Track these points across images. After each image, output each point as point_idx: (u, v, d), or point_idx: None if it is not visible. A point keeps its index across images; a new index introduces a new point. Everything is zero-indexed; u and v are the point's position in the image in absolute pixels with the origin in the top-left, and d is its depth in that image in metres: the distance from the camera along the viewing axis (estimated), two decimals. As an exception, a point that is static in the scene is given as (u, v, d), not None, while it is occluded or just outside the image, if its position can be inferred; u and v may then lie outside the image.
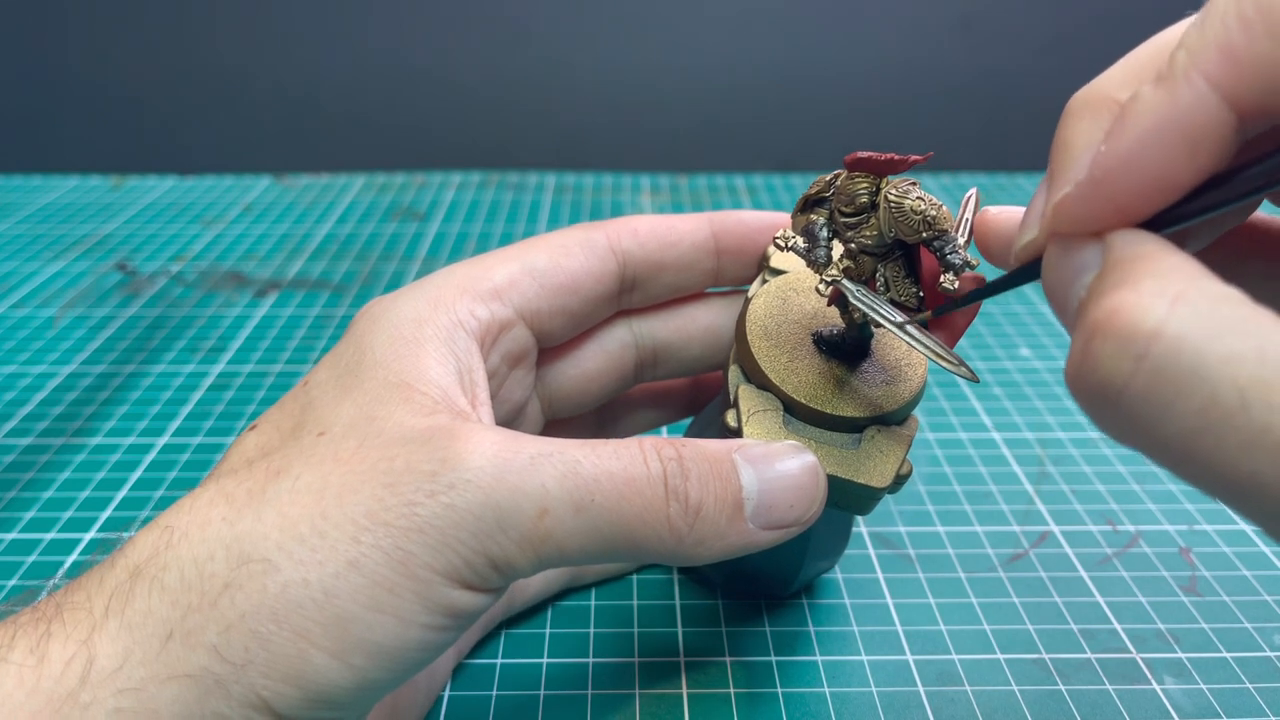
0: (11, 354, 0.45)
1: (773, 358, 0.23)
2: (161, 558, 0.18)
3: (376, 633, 0.17)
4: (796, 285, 0.25)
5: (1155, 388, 0.13)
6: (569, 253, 0.25)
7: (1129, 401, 0.13)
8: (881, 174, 0.21)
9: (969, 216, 0.21)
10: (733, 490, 0.20)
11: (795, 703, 0.27)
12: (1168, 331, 0.13)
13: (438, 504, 0.18)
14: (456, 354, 0.22)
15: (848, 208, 0.21)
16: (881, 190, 0.20)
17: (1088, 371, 0.14)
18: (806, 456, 0.21)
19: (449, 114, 0.89)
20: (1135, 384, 0.13)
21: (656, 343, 0.28)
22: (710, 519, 0.20)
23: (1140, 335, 0.13)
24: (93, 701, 0.16)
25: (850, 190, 0.21)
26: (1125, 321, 0.13)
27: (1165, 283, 0.13)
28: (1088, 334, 0.14)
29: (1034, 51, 0.88)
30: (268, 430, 0.22)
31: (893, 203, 0.20)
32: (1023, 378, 0.44)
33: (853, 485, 0.22)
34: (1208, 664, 0.29)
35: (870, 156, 0.20)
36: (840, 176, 0.21)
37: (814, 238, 0.22)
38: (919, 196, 0.20)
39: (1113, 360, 0.13)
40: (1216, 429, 0.13)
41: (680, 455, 0.20)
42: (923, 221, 0.20)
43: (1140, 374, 0.13)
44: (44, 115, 0.89)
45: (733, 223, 0.27)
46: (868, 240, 0.21)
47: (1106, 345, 0.14)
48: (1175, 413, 0.13)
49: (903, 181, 0.20)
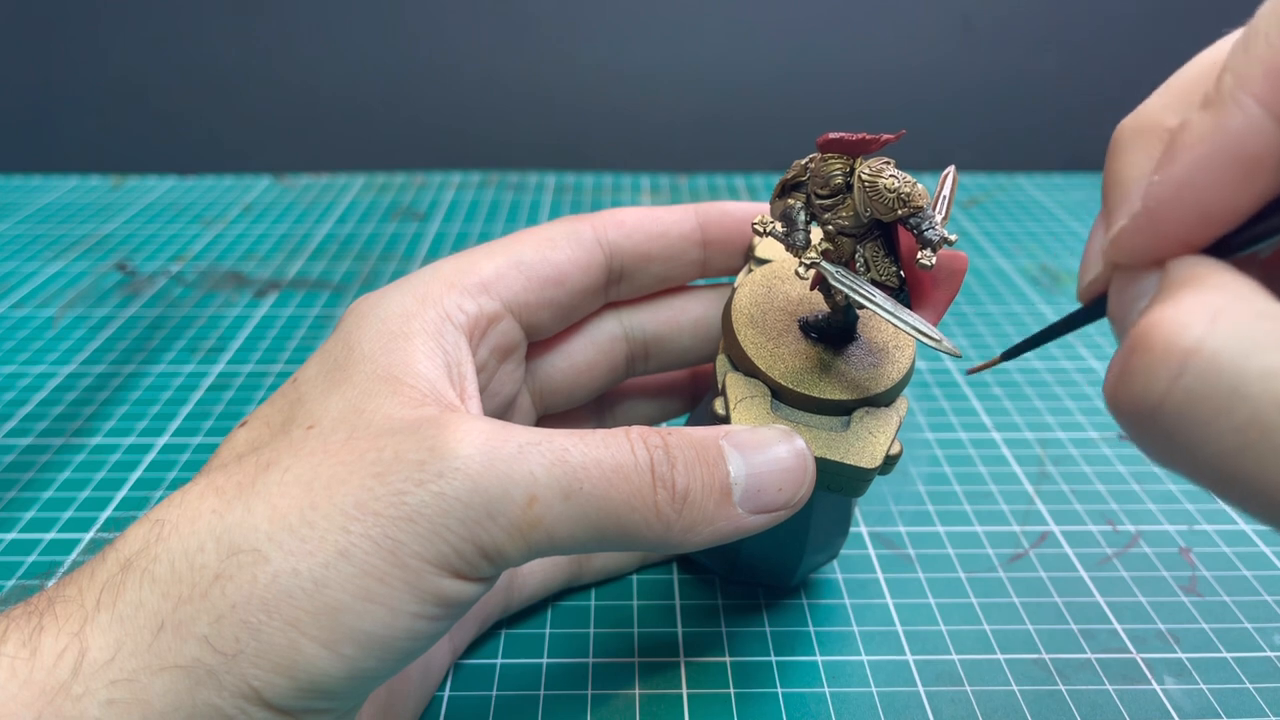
0: (11, 354, 0.45)
1: (759, 344, 0.23)
2: (152, 550, 0.18)
3: (367, 621, 0.17)
4: (781, 273, 0.26)
5: (1193, 405, 0.13)
6: (555, 245, 0.25)
7: (1166, 419, 0.13)
8: (855, 154, 0.21)
9: (946, 194, 0.22)
10: (720, 476, 0.20)
11: (795, 703, 0.27)
12: (1206, 347, 0.13)
13: (426, 493, 0.18)
14: (445, 348, 0.22)
15: (823, 189, 0.21)
16: (855, 170, 0.20)
17: (1125, 387, 0.14)
18: (794, 440, 0.21)
19: (449, 114, 0.89)
20: (1172, 400, 0.13)
21: (646, 335, 0.28)
22: (698, 505, 0.20)
23: (1178, 350, 0.13)
24: (85, 693, 0.16)
25: (825, 172, 0.21)
26: (1163, 336, 0.13)
27: (1207, 298, 0.13)
28: (1127, 349, 0.14)
29: (1034, 51, 0.88)
30: (258, 426, 0.22)
31: (866, 182, 0.20)
32: (1023, 378, 0.44)
33: (843, 467, 0.22)
34: (1208, 664, 0.28)
35: (842, 137, 0.20)
36: (814, 160, 0.21)
37: (792, 222, 0.22)
38: (892, 175, 0.20)
39: (1150, 376, 0.13)
40: (1257, 448, 0.12)
41: (666, 443, 0.20)
42: (897, 199, 0.20)
43: (1177, 390, 0.13)
44: (44, 115, 0.89)
45: (718, 214, 0.27)
46: (844, 221, 0.21)
47: (1144, 360, 0.13)
48: (1214, 431, 0.13)
49: (876, 161, 0.20)
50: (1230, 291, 0.13)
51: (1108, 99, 0.88)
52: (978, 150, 0.89)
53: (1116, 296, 0.16)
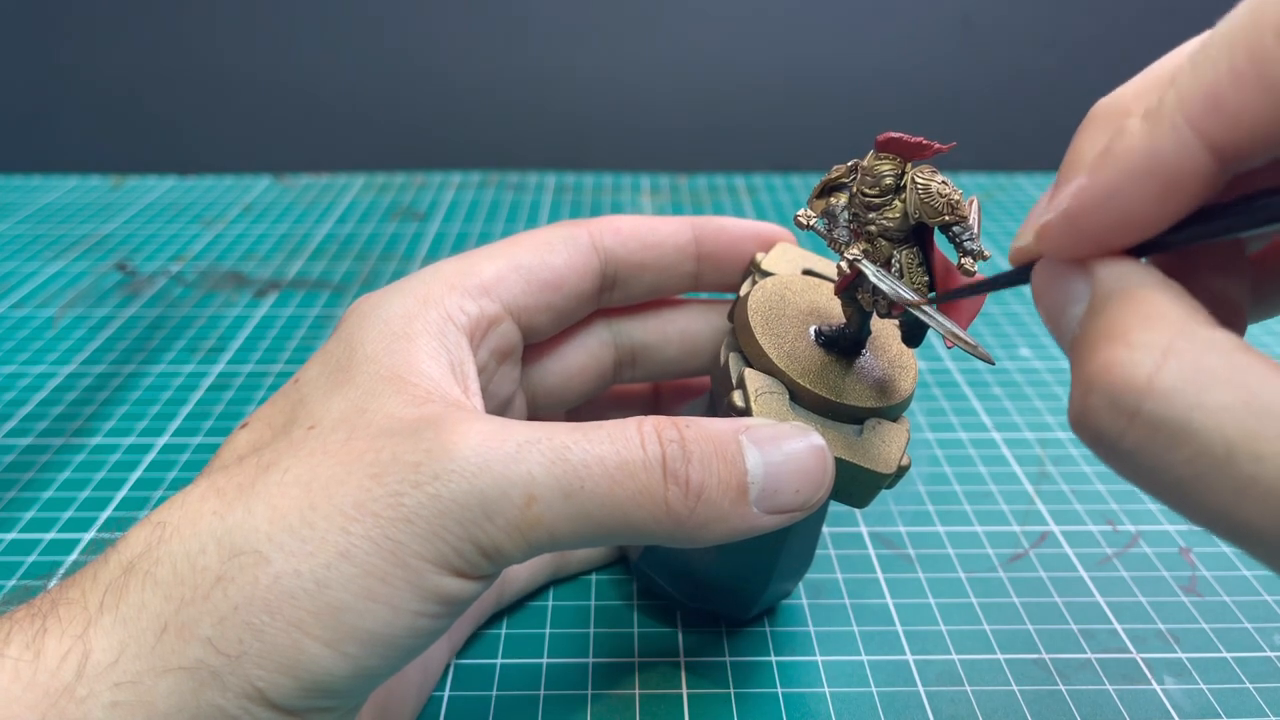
0: (11, 354, 0.45)
1: (778, 344, 0.24)
2: (154, 553, 0.18)
3: (369, 621, 0.17)
4: (791, 285, 0.26)
5: (1148, 440, 0.13)
6: (553, 249, 0.26)
7: (1125, 452, 0.14)
8: (909, 157, 0.21)
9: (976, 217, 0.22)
10: (737, 473, 0.20)
11: (795, 703, 0.27)
12: (1157, 388, 0.13)
13: (423, 494, 0.18)
14: (448, 348, 0.22)
15: (872, 189, 0.21)
16: (907, 173, 0.21)
17: (1087, 424, 0.14)
18: (815, 438, 0.21)
19: (449, 114, 0.89)
20: (1129, 438, 0.14)
21: (635, 343, 0.29)
22: (713, 502, 0.20)
23: (1131, 392, 0.13)
24: (89, 695, 0.16)
25: (877, 171, 0.21)
26: (1117, 379, 0.14)
27: (1154, 334, 0.14)
28: (1084, 387, 0.14)
29: (1034, 51, 0.88)
30: (259, 427, 0.22)
31: (920, 184, 0.20)
32: (1023, 378, 0.44)
33: (859, 470, 0.22)
34: (1208, 664, 0.28)
35: (901, 137, 0.21)
36: (865, 159, 0.22)
37: (835, 218, 0.22)
38: (943, 181, 0.20)
39: (1108, 416, 0.14)
40: (1207, 478, 0.13)
41: (683, 437, 0.20)
42: (948, 204, 0.20)
43: (1133, 429, 0.14)
44: (44, 115, 0.89)
45: (714, 229, 0.27)
46: (890, 223, 0.21)
47: (1101, 401, 0.14)
48: (1169, 462, 0.13)
49: (925, 167, 0.21)
50: (1173, 323, 0.14)
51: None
52: (978, 150, 0.89)
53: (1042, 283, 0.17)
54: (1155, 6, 0.86)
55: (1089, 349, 0.14)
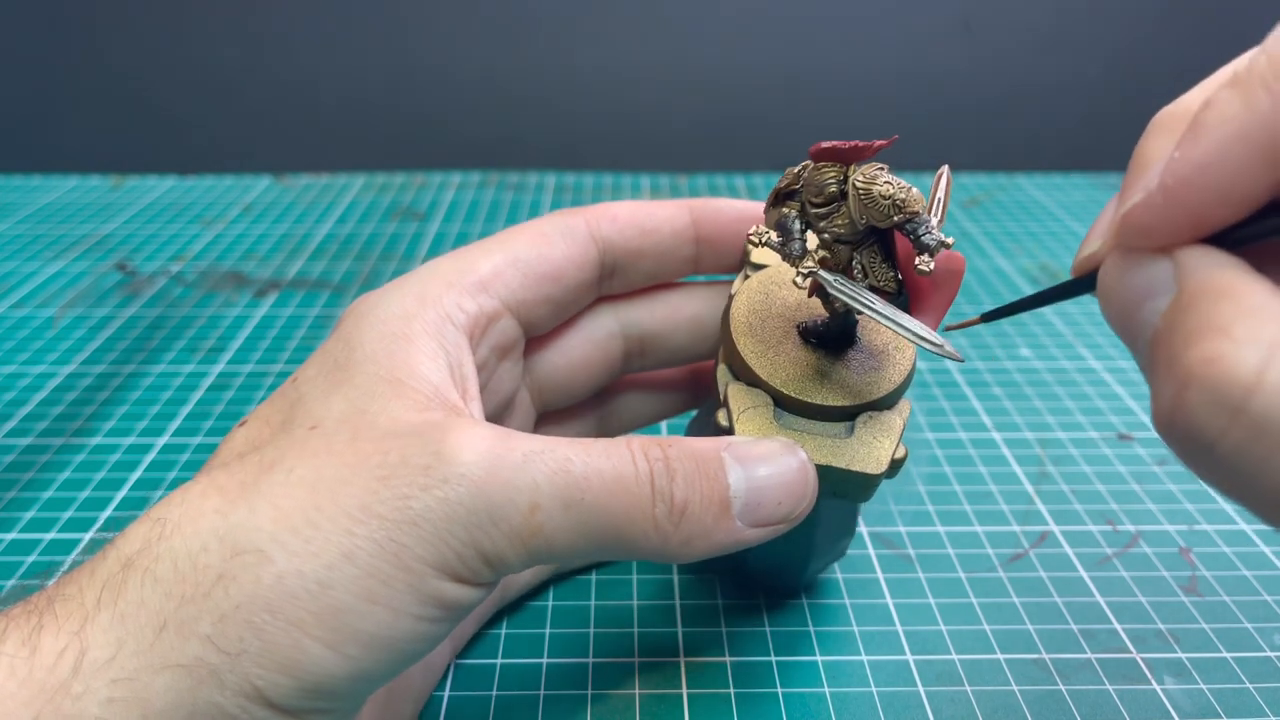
0: (11, 354, 0.45)
1: (759, 354, 0.23)
2: (154, 549, 0.18)
3: (370, 623, 0.17)
4: (778, 279, 0.25)
5: (1252, 442, 0.13)
6: (550, 241, 0.25)
7: (1224, 453, 0.13)
8: (848, 162, 0.21)
9: (941, 195, 0.22)
10: (719, 489, 0.20)
11: (795, 703, 0.27)
12: (1265, 384, 0.13)
13: (431, 497, 0.18)
14: (446, 348, 0.22)
15: (817, 198, 0.21)
16: (849, 178, 0.20)
17: (1180, 422, 0.14)
18: (796, 453, 0.21)
19: (449, 114, 0.89)
20: (1231, 438, 0.13)
21: (643, 331, 0.28)
22: (696, 518, 0.20)
23: (1237, 388, 0.13)
24: (85, 691, 0.16)
25: (818, 181, 0.21)
26: (1220, 373, 0.13)
27: (1259, 328, 0.13)
28: (1180, 382, 0.14)
29: (1033, 52, 0.88)
30: (257, 425, 0.22)
31: (860, 189, 0.20)
32: (1023, 378, 0.44)
33: (848, 474, 0.22)
34: (1208, 664, 0.28)
35: (834, 146, 0.20)
36: (807, 168, 0.21)
37: (787, 231, 0.22)
38: (886, 181, 0.20)
39: (1207, 413, 0.13)
40: None
41: (666, 455, 0.20)
42: (892, 205, 0.20)
43: (1236, 428, 0.13)
44: (44, 115, 0.89)
45: (711, 211, 0.27)
46: (840, 229, 0.21)
47: (1201, 397, 0.13)
48: (1273, 467, 0.13)
49: (870, 167, 0.20)
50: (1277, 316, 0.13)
51: (1107, 100, 0.88)
52: (978, 150, 0.89)
53: (1113, 278, 0.16)
54: (1155, 7, 0.86)
55: (1183, 342, 0.14)
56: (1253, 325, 0.13)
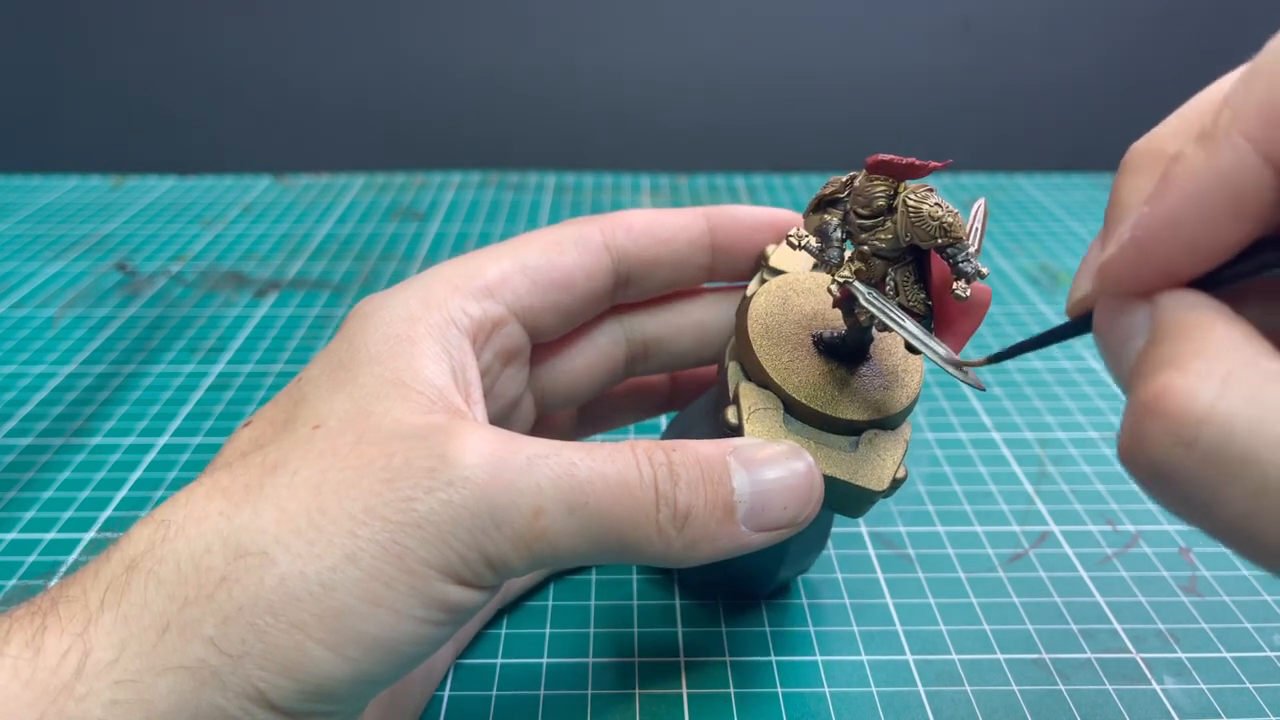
0: (11, 354, 0.45)
1: (774, 356, 0.23)
2: (157, 551, 0.18)
3: (372, 626, 0.17)
4: (796, 286, 0.25)
5: (1206, 470, 0.13)
6: (562, 249, 0.25)
7: (1180, 483, 0.13)
8: (901, 178, 0.21)
9: (978, 226, 0.22)
10: (724, 494, 0.20)
11: (795, 703, 0.27)
12: (1216, 416, 0.13)
13: (435, 500, 0.18)
14: (450, 351, 0.22)
15: (864, 209, 0.21)
16: (899, 194, 0.20)
17: (1139, 453, 0.14)
18: (803, 458, 0.21)
19: (449, 114, 0.89)
20: (1186, 468, 0.13)
21: (647, 337, 0.28)
22: (699, 523, 0.20)
23: (1189, 420, 0.13)
24: (88, 693, 0.16)
25: (868, 192, 0.21)
26: (1174, 405, 0.13)
27: (1214, 362, 0.13)
28: (1138, 414, 0.14)
29: (1034, 51, 0.88)
30: (261, 424, 0.22)
31: (911, 207, 0.20)
32: (1023, 378, 0.44)
33: (850, 487, 0.22)
34: (1208, 664, 0.29)
35: (891, 160, 0.20)
36: (858, 178, 0.21)
37: (828, 238, 0.22)
38: (936, 203, 0.20)
39: (1163, 444, 0.13)
40: (1268, 512, 0.12)
41: (670, 460, 0.20)
42: (939, 228, 0.20)
43: (1190, 459, 0.13)
44: (44, 115, 0.89)
45: (728, 219, 0.27)
46: (882, 244, 0.21)
47: (1156, 428, 0.13)
48: (1227, 495, 0.13)
49: (920, 187, 0.20)
50: (1233, 351, 0.13)
51: (1107, 99, 0.88)
52: (978, 150, 0.89)
53: (1104, 319, 0.16)
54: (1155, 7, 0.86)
55: (1145, 377, 0.14)
56: (1208, 360, 0.13)
